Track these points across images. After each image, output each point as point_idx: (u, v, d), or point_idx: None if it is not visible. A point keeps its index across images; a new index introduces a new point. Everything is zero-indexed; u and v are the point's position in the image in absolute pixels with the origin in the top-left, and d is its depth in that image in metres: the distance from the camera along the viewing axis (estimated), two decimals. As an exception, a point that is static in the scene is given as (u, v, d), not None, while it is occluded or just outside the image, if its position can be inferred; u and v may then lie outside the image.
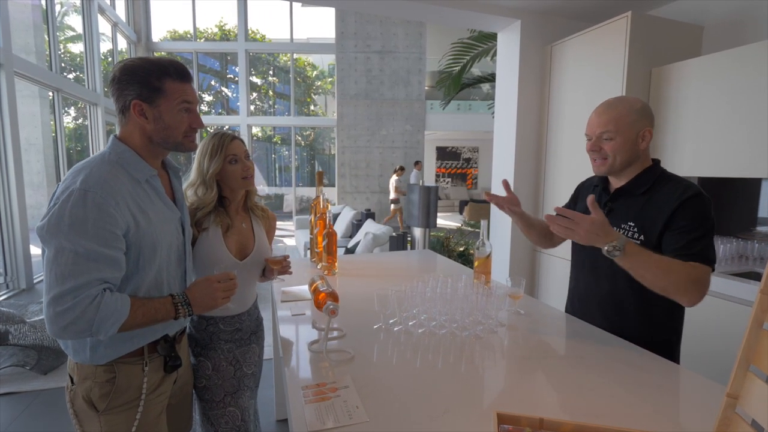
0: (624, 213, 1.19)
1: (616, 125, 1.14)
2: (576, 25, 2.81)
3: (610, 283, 1.22)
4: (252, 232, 1.41)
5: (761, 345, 0.58)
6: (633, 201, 1.18)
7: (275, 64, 11.96)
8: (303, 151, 12.82)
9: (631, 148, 1.15)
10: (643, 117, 1.15)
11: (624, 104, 1.16)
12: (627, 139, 1.14)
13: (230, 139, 1.31)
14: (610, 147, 1.16)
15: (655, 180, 1.17)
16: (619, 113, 1.14)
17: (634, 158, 1.17)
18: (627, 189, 1.20)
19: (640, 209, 1.16)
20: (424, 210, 3.42)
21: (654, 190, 1.16)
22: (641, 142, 1.16)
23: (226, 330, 1.35)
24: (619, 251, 0.99)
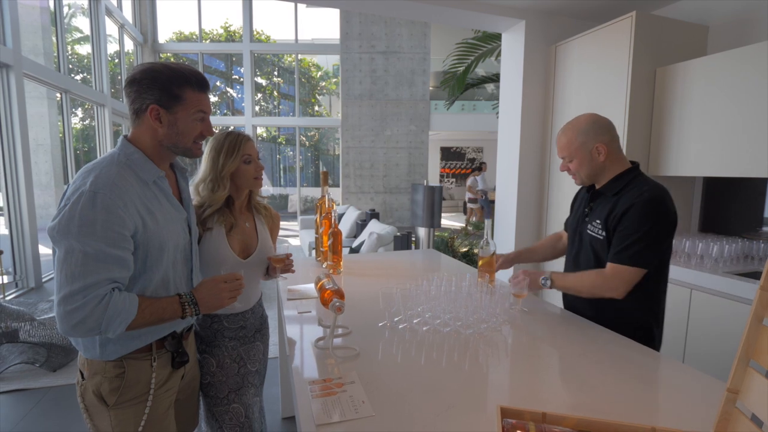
0: (598, 212, 1.35)
1: (568, 150, 1.34)
2: (580, 25, 2.81)
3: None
4: (255, 231, 1.43)
5: (761, 341, 0.59)
6: (606, 202, 1.34)
7: (280, 64, 12.02)
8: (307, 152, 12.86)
9: (589, 164, 1.33)
10: (591, 136, 1.30)
11: (572, 130, 1.33)
12: (582, 158, 1.32)
13: (246, 139, 1.34)
14: (573, 167, 1.36)
15: (626, 184, 1.30)
16: (568, 139, 1.34)
17: (598, 170, 1.34)
18: (602, 191, 1.37)
19: (609, 210, 1.30)
20: (428, 210, 3.43)
21: (623, 193, 1.29)
22: (598, 156, 1.31)
23: (230, 327, 1.37)
24: (549, 281, 1.35)
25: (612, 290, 1.24)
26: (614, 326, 1.29)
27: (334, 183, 11.01)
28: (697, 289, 1.98)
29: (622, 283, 1.23)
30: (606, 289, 1.25)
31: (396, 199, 9.82)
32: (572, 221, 1.50)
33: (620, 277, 1.23)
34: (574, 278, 1.33)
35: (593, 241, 1.34)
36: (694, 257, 2.11)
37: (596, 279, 1.27)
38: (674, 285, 2.09)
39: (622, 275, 1.22)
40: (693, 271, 2.01)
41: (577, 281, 1.32)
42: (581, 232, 1.41)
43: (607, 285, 1.25)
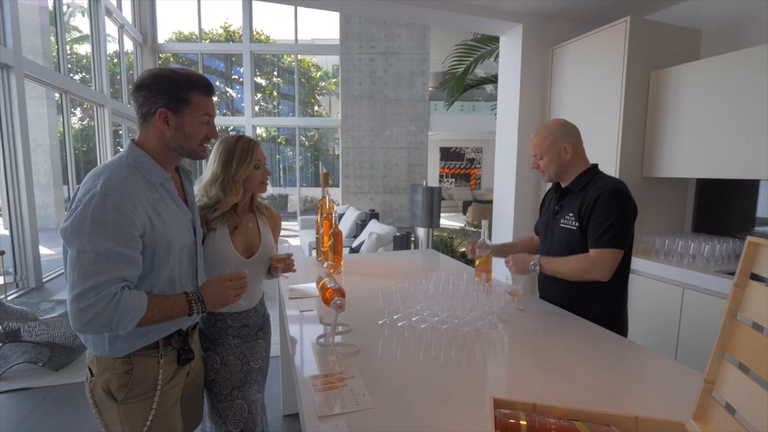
0: (568, 207, 1.50)
1: (540, 148, 1.50)
2: (576, 29, 2.85)
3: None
4: (258, 231, 1.47)
5: (735, 335, 0.63)
6: (574, 197, 1.50)
7: (280, 65, 12.05)
8: (307, 152, 12.89)
9: (557, 162, 1.49)
10: (560, 136, 1.48)
11: (544, 130, 1.50)
12: (552, 156, 1.49)
13: (257, 144, 1.38)
14: (543, 163, 1.51)
15: (590, 180, 1.48)
16: (540, 139, 1.50)
17: (565, 167, 1.50)
18: (569, 188, 1.52)
19: (578, 203, 1.46)
20: (427, 210, 3.46)
21: (588, 188, 1.46)
22: (565, 155, 1.48)
23: (233, 326, 1.40)
24: (537, 266, 1.45)
25: (598, 273, 1.36)
26: (585, 312, 1.43)
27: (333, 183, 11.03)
28: (690, 288, 2.03)
29: (606, 266, 1.36)
30: (593, 273, 1.37)
31: (396, 200, 9.86)
32: (543, 221, 1.65)
33: (605, 261, 1.36)
34: (562, 262, 1.44)
35: (567, 233, 1.48)
36: (686, 257, 2.15)
37: (583, 263, 1.39)
38: (667, 284, 2.13)
39: (606, 258, 1.36)
40: (685, 271, 2.05)
41: (565, 265, 1.43)
42: (553, 229, 1.55)
43: (595, 269, 1.37)
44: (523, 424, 0.68)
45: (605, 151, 2.42)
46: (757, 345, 0.59)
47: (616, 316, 1.47)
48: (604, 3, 2.58)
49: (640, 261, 2.26)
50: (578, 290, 1.47)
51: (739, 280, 0.62)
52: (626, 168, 2.37)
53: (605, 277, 1.37)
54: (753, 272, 0.61)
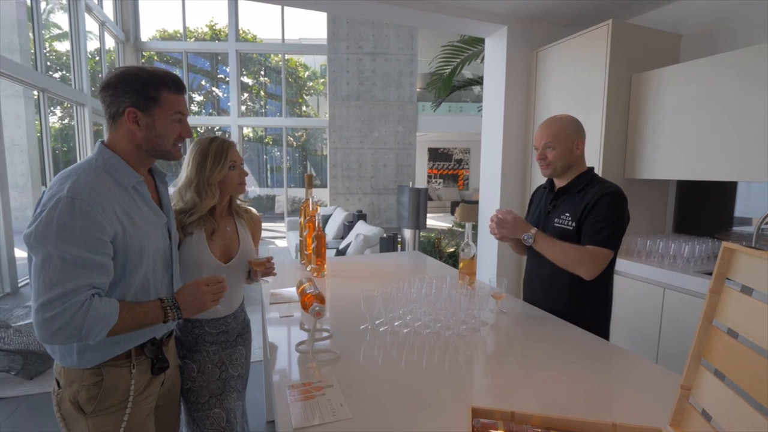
0: (564, 206, 1.47)
1: (556, 137, 1.44)
2: (560, 32, 2.87)
3: (551, 265, 1.46)
4: (237, 234, 1.43)
5: (711, 340, 0.62)
6: (571, 197, 1.47)
7: (266, 64, 11.93)
8: (295, 152, 12.80)
9: (568, 156, 1.45)
10: (576, 131, 1.46)
11: (561, 121, 1.46)
12: (564, 149, 1.44)
13: (231, 145, 1.34)
14: (553, 155, 1.45)
15: (588, 182, 1.46)
16: (558, 128, 1.44)
17: (572, 163, 1.47)
18: (567, 188, 1.49)
19: (575, 204, 1.44)
20: (413, 211, 3.45)
21: (586, 190, 1.44)
22: (576, 150, 1.46)
23: (211, 332, 1.37)
24: (532, 239, 1.39)
25: (589, 269, 1.34)
26: (569, 315, 1.42)
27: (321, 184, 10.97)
28: (670, 288, 2.05)
29: (598, 264, 1.35)
30: (584, 267, 1.34)
31: (384, 200, 9.84)
32: (531, 220, 1.60)
33: (599, 259, 1.34)
34: (559, 245, 1.39)
35: (561, 233, 1.45)
36: (667, 257, 2.18)
37: (581, 254, 1.35)
38: (648, 284, 2.15)
39: (600, 257, 1.34)
40: (666, 271, 2.08)
41: (562, 249, 1.38)
42: (544, 228, 1.51)
43: (588, 264, 1.34)
44: (500, 434, 0.66)
45: (588, 153, 2.42)
46: (732, 351, 0.58)
47: (599, 319, 1.46)
48: (587, 6, 2.60)
49: (622, 261, 2.28)
50: (564, 293, 1.46)
51: (714, 285, 0.62)
52: (609, 169, 2.39)
53: (593, 275, 1.35)
54: (728, 277, 0.61)
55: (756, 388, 0.53)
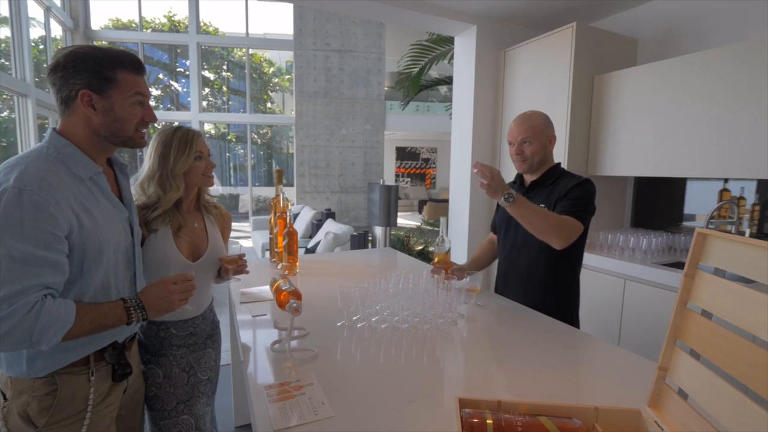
0: (539, 198, 1.51)
1: (533, 133, 1.48)
2: (527, 33, 2.96)
3: (527, 257, 1.52)
4: (205, 231, 1.37)
5: (686, 323, 0.65)
6: (544, 190, 1.52)
7: (229, 59, 11.53)
8: (259, 150, 12.46)
9: (542, 150, 1.50)
10: (549, 127, 1.52)
11: (537, 117, 1.51)
12: (540, 144, 1.49)
13: (197, 134, 1.27)
14: (530, 149, 1.49)
15: (559, 175, 1.52)
16: (534, 123, 1.49)
17: (545, 158, 1.52)
18: (540, 181, 1.54)
19: (548, 195, 1.49)
20: (384, 209, 3.45)
21: (557, 182, 1.50)
22: (549, 145, 1.52)
23: (178, 335, 1.29)
24: (513, 198, 1.31)
25: (564, 236, 1.34)
26: (540, 305, 1.45)
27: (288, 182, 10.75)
28: (630, 279, 2.16)
29: (572, 233, 1.36)
30: (560, 233, 1.33)
31: (352, 199, 9.79)
32: (504, 215, 1.59)
33: (573, 227, 1.36)
34: (538, 209, 1.36)
35: None
36: (627, 250, 2.30)
37: (558, 219, 1.35)
38: (610, 276, 2.26)
39: (574, 225, 1.36)
40: (626, 263, 2.19)
41: (539, 212, 1.35)
42: (518, 222, 1.44)
43: (564, 230, 1.34)
44: (489, 423, 0.66)
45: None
46: (706, 331, 0.61)
47: (570, 309, 1.52)
48: (553, 9, 2.69)
49: (586, 255, 2.38)
50: (535, 284, 1.51)
51: (688, 270, 0.64)
52: (573, 167, 2.48)
53: (565, 243, 1.35)
54: (701, 262, 0.63)
55: (730, 363, 0.56)
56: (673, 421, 0.64)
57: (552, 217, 1.35)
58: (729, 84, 1.92)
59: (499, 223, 1.67)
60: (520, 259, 1.55)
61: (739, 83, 1.89)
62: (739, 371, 0.54)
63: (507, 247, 1.61)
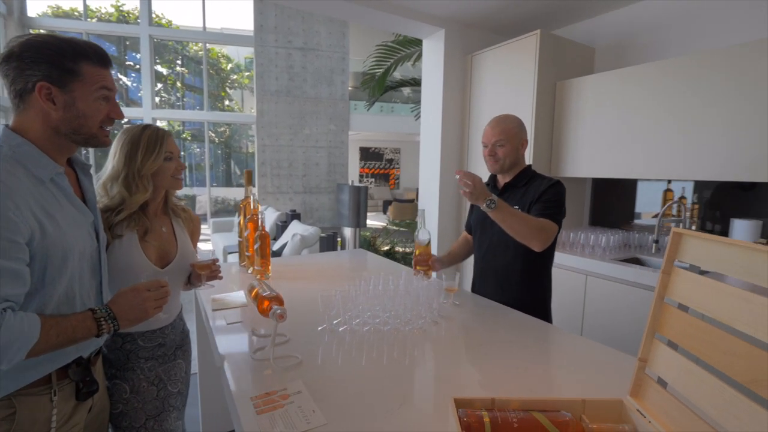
0: (512, 200, 1.55)
1: (506, 135, 1.53)
2: (493, 38, 3.05)
3: (503, 257, 1.57)
4: (174, 236, 1.30)
5: (664, 316, 0.70)
6: (517, 191, 1.57)
7: (184, 53, 11.01)
8: (217, 149, 11.99)
9: (515, 153, 1.56)
10: (522, 130, 1.57)
11: (511, 120, 1.56)
12: (513, 146, 1.54)
13: (167, 134, 1.20)
14: (503, 152, 1.54)
15: (531, 177, 1.58)
16: (508, 126, 1.54)
17: (516, 160, 1.58)
18: (512, 183, 1.59)
19: (522, 196, 1.54)
20: (354, 210, 3.43)
21: (530, 184, 1.56)
22: (521, 148, 1.57)
23: (146, 346, 1.22)
24: (494, 203, 1.35)
25: (543, 239, 1.39)
26: (516, 303, 1.51)
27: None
28: (591, 275, 2.29)
29: (550, 235, 1.42)
30: (540, 237, 1.39)
31: (316, 199, 9.66)
32: (479, 217, 1.65)
33: (551, 229, 1.42)
34: (520, 213, 1.41)
35: None
36: (587, 247, 2.43)
37: (539, 223, 1.40)
38: (572, 272, 2.38)
39: (551, 228, 1.42)
40: (587, 259, 2.31)
41: (521, 217, 1.39)
42: (493, 223, 1.49)
43: (543, 233, 1.39)
44: (486, 422, 0.67)
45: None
46: (683, 323, 0.65)
47: (544, 305, 1.58)
48: (518, 16, 2.80)
49: (550, 253, 2.50)
50: (511, 283, 1.56)
51: (665, 266, 0.69)
52: (538, 168, 2.58)
53: (544, 245, 1.40)
54: (677, 259, 0.68)
55: (706, 352, 0.60)
56: (654, 409, 0.68)
57: (531, 221, 1.39)
58: (673, 93, 2.09)
59: (475, 225, 1.70)
60: (496, 259, 1.59)
61: (682, 93, 2.05)
62: (715, 359, 0.58)
63: (483, 248, 1.65)
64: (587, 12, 2.72)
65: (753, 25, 2.08)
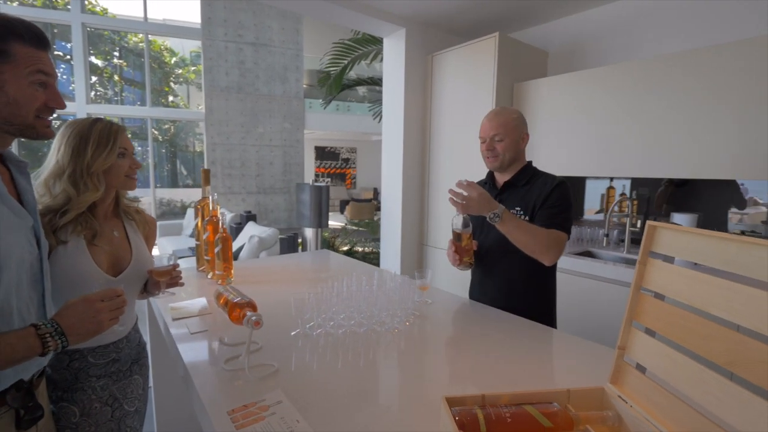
0: (513, 200, 1.45)
1: (505, 128, 1.42)
2: (453, 40, 3.11)
3: (503, 262, 1.46)
4: (127, 240, 1.19)
5: (640, 305, 0.73)
6: (518, 191, 1.46)
7: (123, 44, 10.22)
8: (161, 148, 11.26)
9: (515, 148, 1.44)
10: (522, 123, 1.47)
11: (510, 113, 1.45)
12: (512, 141, 1.43)
13: (122, 129, 1.10)
14: (502, 146, 1.42)
15: (532, 175, 1.47)
16: (506, 119, 1.43)
17: (517, 156, 1.46)
18: (512, 182, 1.48)
19: (523, 197, 1.43)
20: (315, 210, 3.35)
21: (532, 182, 1.45)
22: (522, 143, 1.46)
23: (97, 363, 1.11)
24: (499, 217, 1.27)
25: (554, 253, 1.31)
26: (523, 312, 1.38)
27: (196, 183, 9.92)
28: (549, 269, 2.40)
29: (561, 248, 1.32)
30: (550, 251, 1.30)
31: (271, 200, 9.38)
32: (479, 218, 1.47)
33: (562, 242, 1.32)
34: (528, 226, 1.31)
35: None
36: (544, 242, 2.55)
37: (550, 236, 1.30)
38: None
39: (562, 240, 1.32)
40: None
41: (530, 230, 1.30)
42: (490, 225, 1.36)
43: (555, 246, 1.30)
44: (480, 419, 0.67)
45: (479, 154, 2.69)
46: (660, 311, 0.69)
47: (550, 312, 1.49)
48: (476, 18, 2.87)
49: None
50: (515, 289, 1.45)
51: (642, 257, 0.72)
52: (496, 167, 2.68)
53: (555, 259, 1.32)
54: (652, 250, 0.72)
55: (684, 337, 0.64)
56: (635, 394, 0.71)
57: (540, 235, 1.29)
58: (620, 95, 2.25)
59: (474, 227, 1.51)
60: (499, 264, 1.47)
61: (628, 95, 2.21)
62: (693, 344, 0.62)
63: (483, 251, 1.50)
64: (541, 17, 2.85)
65: (689, 35, 2.29)
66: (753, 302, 0.54)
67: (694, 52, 1.98)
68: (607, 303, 2.15)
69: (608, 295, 2.14)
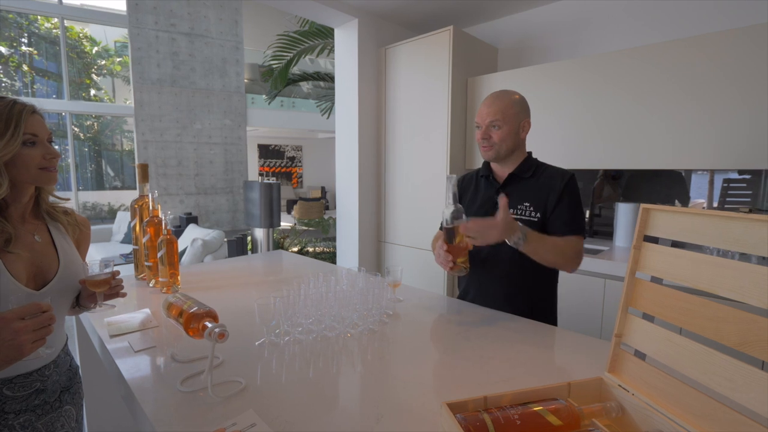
0: (519, 195, 1.32)
1: (503, 114, 1.28)
2: (406, 33, 3.07)
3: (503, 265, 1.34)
4: (53, 246, 1.00)
5: (636, 290, 0.72)
6: (523, 184, 1.33)
7: (32, 29, 9.04)
8: (83, 146, 10.15)
9: (514, 137, 1.31)
10: (524, 110, 1.32)
11: (508, 97, 1.31)
12: (511, 129, 1.29)
13: (29, 111, 0.89)
14: (499, 135, 1.29)
15: (536, 166, 1.35)
16: (505, 104, 1.29)
17: (517, 146, 1.33)
18: (517, 174, 1.34)
19: (531, 190, 1.31)
20: (266, 209, 3.16)
21: (538, 174, 1.33)
22: (522, 132, 1.33)
23: (17, 396, 0.91)
24: (523, 240, 1.14)
25: (575, 263, 1.24)
26: (527, 314, 1.31)
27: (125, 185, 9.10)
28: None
29: (582, 255, 1.25)
30: (574, 261, 1.24)
31: (212, 201, 8.82)
32: (479, 213, 1.35)
33: (580, 249, 1.24)
34: (551, 243, 1.21)
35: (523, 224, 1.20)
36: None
37: (571, 249, 1.22)
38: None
39: (581, 246, 1.25)
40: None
41: (554, 247, 1.21)
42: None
43: (577, 257, 1.23)
44: (489, 423, 0.62)
45: (436, 148, 2.69)
46: (658, 295, 0.68)
47: (553, 313, 1.41)
48: (427, 12, 2.85)
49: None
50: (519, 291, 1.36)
51: (636, 242, 0.71)
52: (454, 161, 2.68)
53: (578, 267, 1.24)
54: (646, 234, 0.71)
55: (687, 320, 0.63)
56: (635, 381, 0.70)
57: (567, 250, 1.21)
58: (565, 91, 2.34)
59: None
60: (496, 269, 1.36)
61: (576, 91, 2.31)
62: (700, 326, 0.61)
63: (483, 253, 1.36)
64: (491, 13, 2.90)
65: (630, 34, 2.44)
66: (762, 281, 0.53)
67: (634, 50, 2.11)
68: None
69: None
